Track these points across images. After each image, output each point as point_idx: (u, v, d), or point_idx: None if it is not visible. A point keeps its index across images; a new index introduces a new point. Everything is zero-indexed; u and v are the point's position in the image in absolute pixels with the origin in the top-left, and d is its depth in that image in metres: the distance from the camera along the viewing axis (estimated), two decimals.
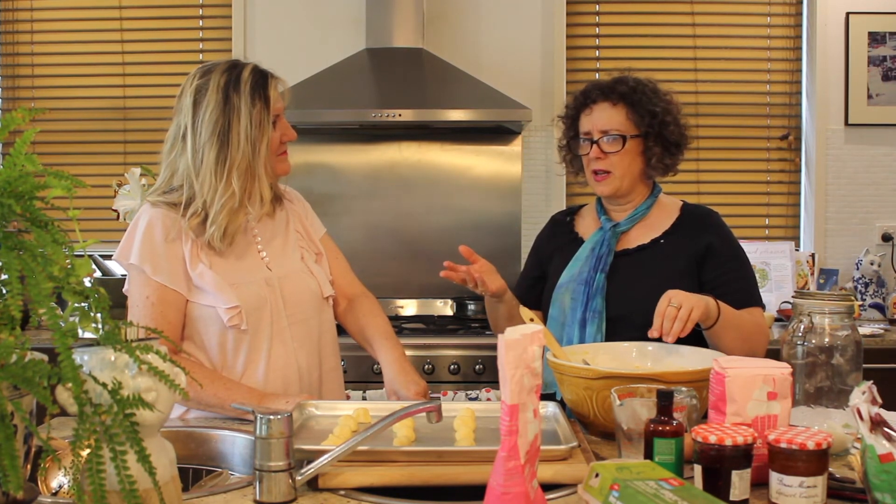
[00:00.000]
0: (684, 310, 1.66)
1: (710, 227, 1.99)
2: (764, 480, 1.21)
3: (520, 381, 1.02)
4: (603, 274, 1.94)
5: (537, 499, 1.07)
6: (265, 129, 1.77)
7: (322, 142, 3.68)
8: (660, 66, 3.80)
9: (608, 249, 1.97)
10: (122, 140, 3.86)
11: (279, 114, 1.82)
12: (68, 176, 0.95)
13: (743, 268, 1.96)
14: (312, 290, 1.89)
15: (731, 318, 1.80)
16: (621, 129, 1.96)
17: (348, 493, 1.26)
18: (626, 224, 2.01)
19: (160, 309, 1.73)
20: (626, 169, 1.97)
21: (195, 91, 1.77)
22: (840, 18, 3.76)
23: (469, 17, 3.77)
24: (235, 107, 1.75)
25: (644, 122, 1.96)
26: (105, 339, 0.95)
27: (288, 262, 1.88)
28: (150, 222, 1.76)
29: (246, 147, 1.75)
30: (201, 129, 1.75)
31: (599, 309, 1.91)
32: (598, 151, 1.96)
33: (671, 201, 2.07)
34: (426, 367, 2.99)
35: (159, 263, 1.74)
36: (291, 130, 1.86)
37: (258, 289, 1.79)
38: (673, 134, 1.98)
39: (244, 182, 1.76)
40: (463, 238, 3.69)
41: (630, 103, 1.96)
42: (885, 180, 3.79)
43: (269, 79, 1.81)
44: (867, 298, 3.57)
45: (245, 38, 3.75)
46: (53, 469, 1.40)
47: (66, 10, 3.87)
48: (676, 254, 1.95)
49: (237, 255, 1.81)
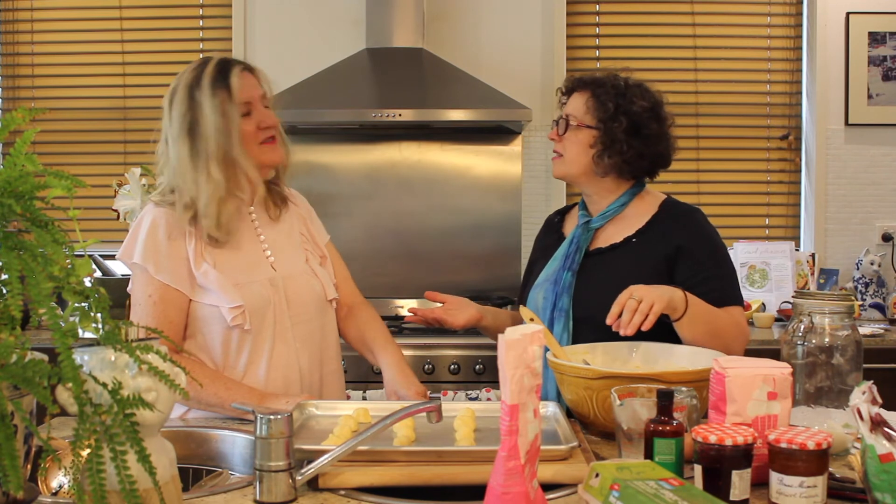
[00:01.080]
0: (645, 303, 1.64)
1: (686, 227, 1.93)
2: (764, 480, 1.21)
3: (520, 381, 1.02)
4: (570, 272, 1.92)
5: (537, 499, 1.07)
6: (231, 117, 1.77)
7: (322, 142, 3.68)
8: (660, 66, 3.81)
9: (577, 247, 1.96)
10: (122, 140, 3.86)
11: (251, 101, 1.81)
12: (68, 176, 0.95)
13: (718, 266, 1.91)
14: (316, 292, 1.89)
15: (700, 312, 1.76)
16: (576, 116, 1.97)
17: (348, 493, 1.26)
18: (597, 221, 1.98)
19: (162, 308, 1.73)
20: (575, 157, 1.96)
21: (170, 94, 1.82)
22: (840, 18, 3.76)
23: (469, 17, 3.77)
24: (198, 102, 1.77)
25: (598, 115, 1.94)
26: (105, 339, 0.95)
27: (292, 262, 1.89)
28: (154, 222, 1.77)
29: (217, 137, 1.76)
30: (175, 128, 1.78)
31: (566, 308, 1.89)
32: (554, 133, 2.01)
33: (653, 197, 2.01)
34: (426, 367, 2.99)
35: (162, 262, 1.74)
36: (271, 116, 1.84)
37: (262, 289, 1.79)
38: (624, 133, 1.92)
39: (225, 171, 1.77)
40: (463, 238, 3.70)
41: (593, 93, 1.97)
42: (885, 180, 3.79)
43: (231, 67, 1.80)
44: (867, 298, 3.57)
45: (245, 38, 3.75)
46: (53, 469, 1.40)
47: (66, 10, 3.87)
48: (647, 253, 1.91)
49: (241, 254, 1.82)
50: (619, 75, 2.01)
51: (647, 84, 2.01)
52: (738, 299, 1.91)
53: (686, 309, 1.72)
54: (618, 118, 1.92)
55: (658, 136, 1.96)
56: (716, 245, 1.94)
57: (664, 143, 1.98)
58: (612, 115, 1.93)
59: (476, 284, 3.68)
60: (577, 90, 2.02)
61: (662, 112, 1.98)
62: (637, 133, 1.93)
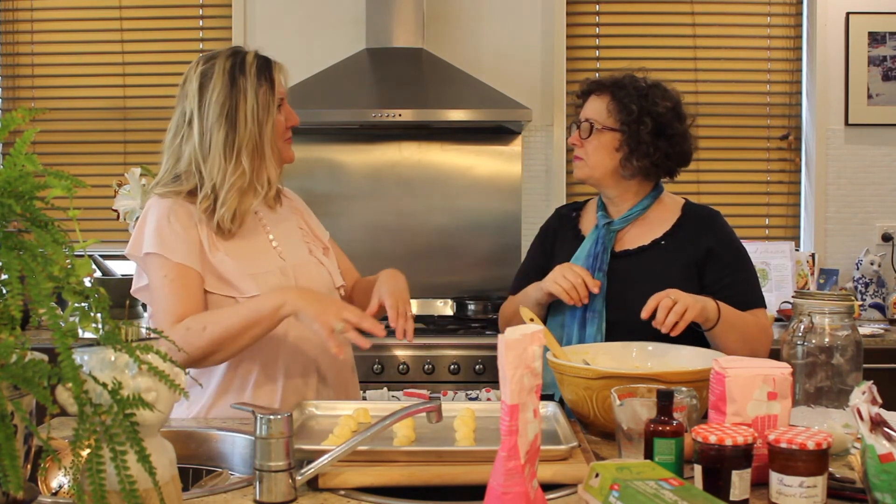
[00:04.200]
0: (680, 305, 1.69)
1: (712, 229, 1.97)
2: (764, 480, 1.21)
3: (520, 381, 1.02)
4: (602, 273, 1.93)
5: (537, 499, 1.07)
6: (271, 110, 1.80)
7: (322, 142, 3.68)
8: (660, 66, 3.80)
9: (603, 248, 1.96)
10: (122, 140, 3.86)
11: (283, 98, 1.85)
12: (68, 176, 0.95)
13: (744, 269, 1.95)
14: (325, 280, 1.90)
15: (732, 319, 1.80)
16: (598, 119, 1.97)
17: (348, 493, 1.27)
18: (619, 223, 2.00)
19: (181, 283, 1.71)
20: (598, 160, 1.96)
21: (200, 76, 1.78)
22: (840, 18, 3.76)
23: (469, 17, 3.77)
24: (242, 88, 1.77)
25: (621, 118, 1.94)
26: (105, 339, 0.95)
27: (298, 251, 1.90)
28: (161, 213, 1.75)
29: (253, 127, 1.76)
30: (208, 111, 1.76)
31: (599, 309, 1.90)
32: (576, 137, 2.00)
33: (673, 200, 2.05)
34: (426, 367, 2.99)
35: (175, 245, 1.72)
36: (295, 115, 1.89)
37: (275, 278, 1.79)
38: (650, 135, 1.93)
39: (253, 162, 1.78)
40: (463, 238, 3.70)
41: (613, 96, 1.97)
42: (885, 180, 3.79)
43: (272, 63, 1.84)
44: (867, 298, 3.57)
45: (245, 38, 3.75)
46: (53, 469, 1.40)
47: (66, 10, 3.87)
48: (677, 256, 1.94)
49: (249, 245, 1.82)
50: (636, 76, 2.00)
51: (665, 83, 2.01)
52: (762, 300, 1.95)
53: (719, 318, 1.76)
54: (643, 120, 1.93)
55: (682, 134, 1.98)
56: (740, 248, 1.98)
57: (688, 142, 2.00)
58: (637, 117, 1.93)
59: (476, 284, 3.68)
60: (595, 93, 2.01)
61: (683, 110, 2.00)
62: (662, 133, 1.95)
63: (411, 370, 2.98)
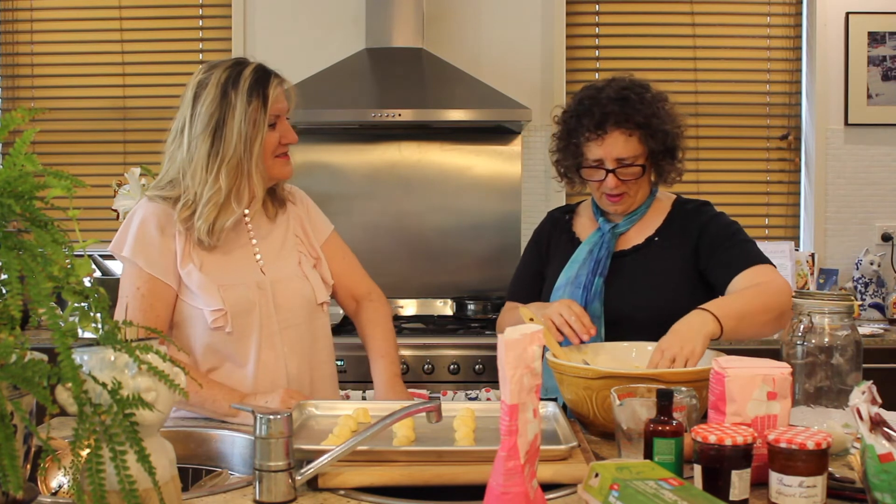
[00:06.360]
0: (679, 360, 1.60)
1: (700, 216, 1.98)
2: (764, 480, 1.21)
3: (520, 381, 1.02)
4: (601, 278, 1.92)
5: (537, 499, 1.07)
6: (260, 127, 1.76)
7: (322, 142, 3.68)
8: (660, 66, 3.81)
9: (607, 252, 1.96)
10: (122, 140, 3.86)
11: (280, 115, 1.81)
12: (68, 176, 0.95)
13: (736, 235, 1.93)
14: (305, 296, 1.86)
15: (738, 312, 1.72)
16: (639, 158, 1.92)
17: (348, 493, 1.26)
18: (624, 225, 2.00)
19: (150, 301, 1.73)
20: (641, 188, 1.97)
21: (196, 85, 1.78)
22: (840, 18, 3.76)
23: (469, 17, 3.77)
24: (231, 103, 1.74)
25: (657, 143, 1.92)
26: (105, 339, 0.95)
27: (283, 265, 1.86)
28: (145, 217, 1.76)
29: (238, 144, 1.74)
30: (196, 122, 1.75)
31: (598, 314, 1.90)
32: (616, 181, 1.91)
33: (665, 197, 2.06)
34: (426, 367, 2.99)
35: (152, 256, 1.74)
36: (292, 133, 1.84)
37: (247, 291, 1.78)
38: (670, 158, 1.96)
39: (233, 179, 1.75)
40: (463, 238, 3.70)
41: (646, 130, 1.90)
42: (885, 180, 3.79)
43: (270, 78, 1.80)
44: (867, 298, 3.57)
45: (245, 38, 3.75)
46: (53, 469, 1.40)
47: (66, 10, 3.87)
48: (671, 249, 1.95)
49: (230, 256, 1.80)
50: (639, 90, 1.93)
51: (653, 83, 2.01)
52: (763, 258, 1.90)
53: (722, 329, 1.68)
54: (667, 151, 1.95)
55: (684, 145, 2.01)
56: (731, 223, 1.98)
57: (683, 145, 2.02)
58: (666, 138, 1.93)
59: (476, 284, 3.68)
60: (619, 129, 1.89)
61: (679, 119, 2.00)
62: (675, 153, 1.97)
63: (411, 370, 2.98)
